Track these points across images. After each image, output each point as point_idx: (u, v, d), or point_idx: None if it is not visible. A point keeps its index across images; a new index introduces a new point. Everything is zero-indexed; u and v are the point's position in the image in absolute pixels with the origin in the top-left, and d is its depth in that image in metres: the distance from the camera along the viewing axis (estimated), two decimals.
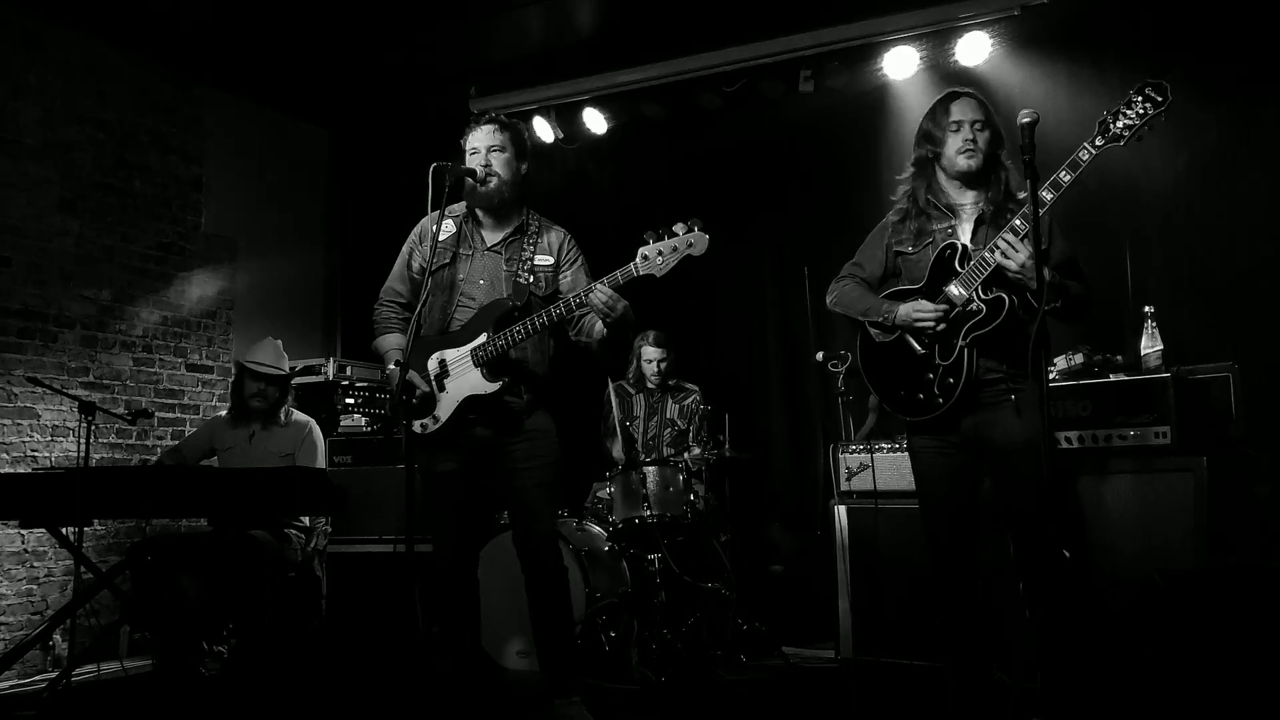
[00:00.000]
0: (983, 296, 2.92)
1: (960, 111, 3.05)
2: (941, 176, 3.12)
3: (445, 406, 3.31)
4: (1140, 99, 2.77)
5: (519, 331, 3.21)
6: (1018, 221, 2.83)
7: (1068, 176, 2.79)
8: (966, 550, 3.06)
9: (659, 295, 5.54)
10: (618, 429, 5.20)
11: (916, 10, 5.08)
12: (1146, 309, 3.91)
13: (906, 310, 3.02)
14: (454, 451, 3.36)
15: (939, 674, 3.68)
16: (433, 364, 3.35)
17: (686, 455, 4.99)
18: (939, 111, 3.09)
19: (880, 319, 3.09)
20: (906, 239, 3.15)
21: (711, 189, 6.00)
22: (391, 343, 3.48)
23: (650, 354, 5.16)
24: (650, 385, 5.23)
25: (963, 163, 3.03)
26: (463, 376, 3.30)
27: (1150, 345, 3.85)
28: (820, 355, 5.08)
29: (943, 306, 2.97)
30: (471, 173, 3.34)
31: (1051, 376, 3.84)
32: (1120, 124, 2.77)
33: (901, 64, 5.33)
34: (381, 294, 3.59)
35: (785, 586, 5.36)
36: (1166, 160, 4.67)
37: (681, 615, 4.55)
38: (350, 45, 5.67)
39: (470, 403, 3.29)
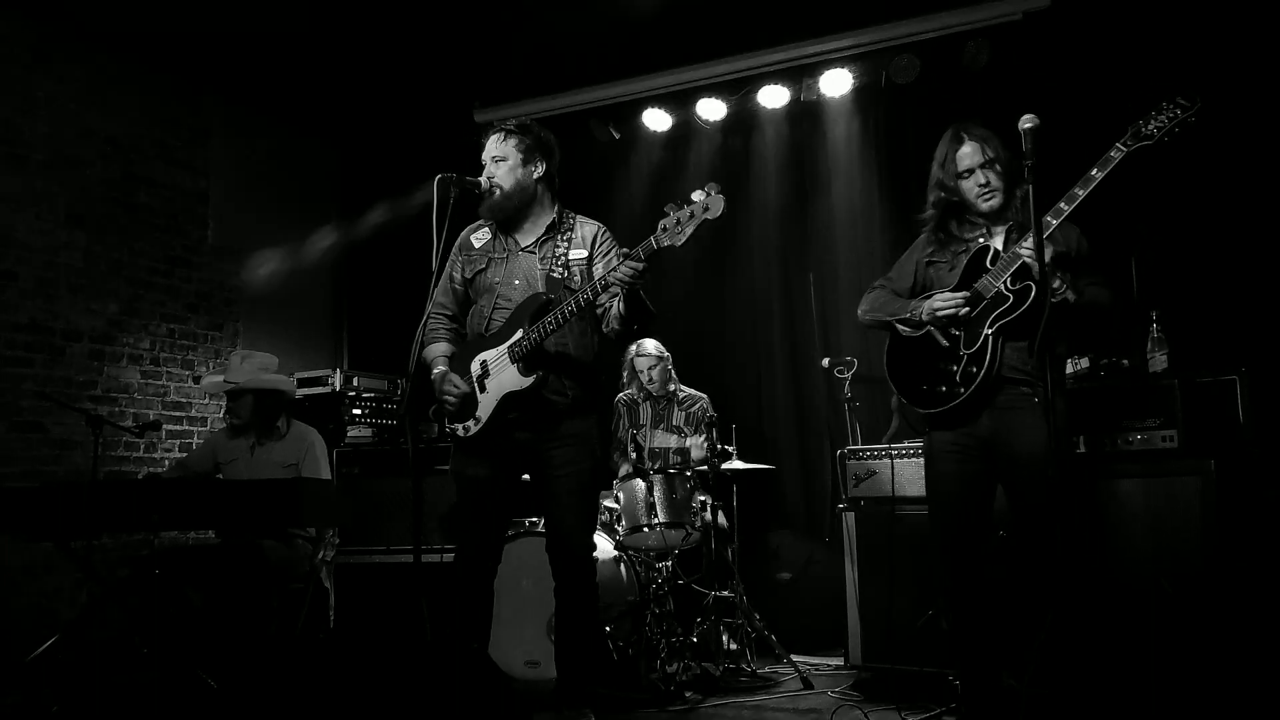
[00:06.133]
0: (1010, 287, 2.97)
1: (968, 159, 3.11)
2: (966, 213, 3.20)
3: (485, 406, 3.31)
4: (1170, 104, 2.86)
5: (549, 323, 3.20)
6: (1049, 217, 2.88)
7: (1098, 174, 2.85)
8: (976, 557, 3.06)
9: (665, 300, 5.58)
10: (627, 443, 5.21)
11: (919, 17, 5.10)
12: (1152, 313, 3.90)
13: (931, 302, 3.10)
14: (489, 456, 3.36)
15: (949, 681, 3.68)
16: (475, 366, 3.36)
17: (693, 461, 4.99)
18: (947, 159, 3.14)
19: (908, 315, 3.16)
20: (938, 249, 3.24)
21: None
22: (438, 350, 3.48)
23: (641, 364, 5.15)
24: (654, 393, 5.23)
25: (984, 206, 3.12)
26: (501, 374, 3.29)
27: (1156, 349, 3.85)
28: (826, 361, 5.08)
29: (965, 294, 3.04)
30: (476, 185, 3.35)
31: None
32: (1151, 126, 2.86)
33: (905, 70, 5.34)
34: (428, 306, 3.59)
35: (793, 594, 5.34)
36: (1172, 163, 4.67)
37: (690, 624, 4.55)
38: (356, 57, 5.70)
39: (509, 399, 3.27)
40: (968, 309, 3.03)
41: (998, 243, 3.11)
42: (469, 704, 3.36)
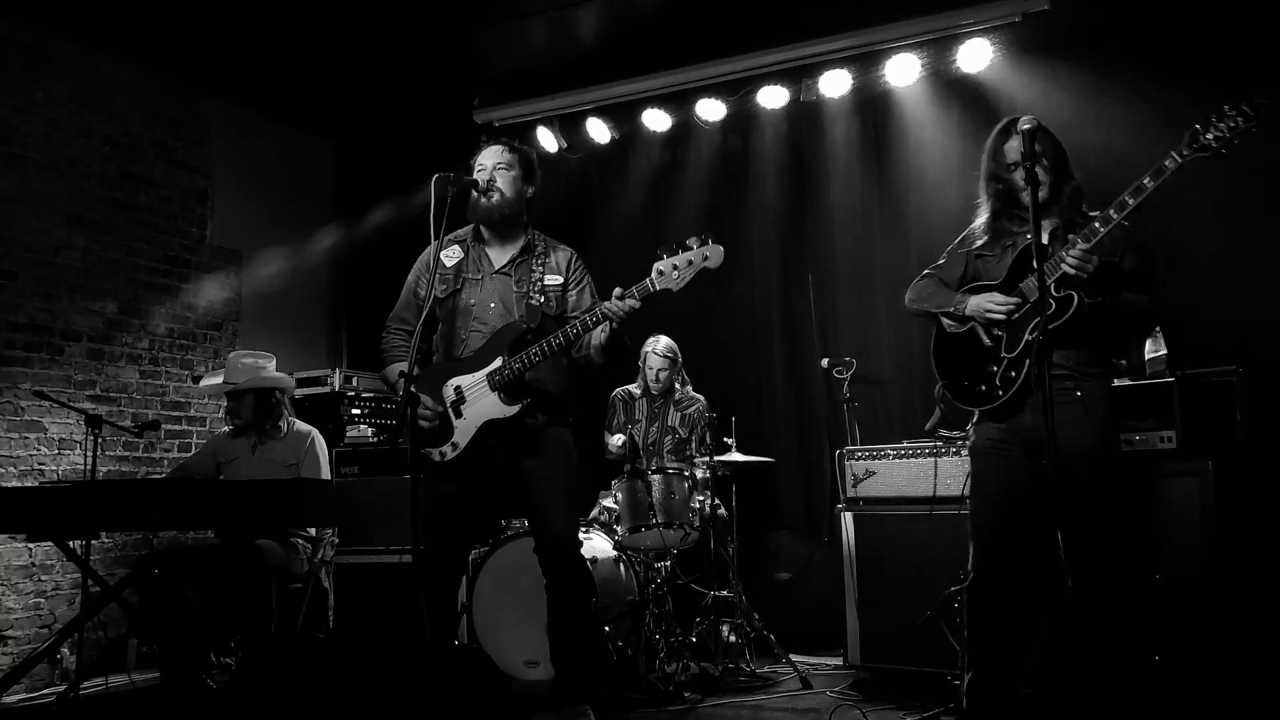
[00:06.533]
0: (1055, 294, 2.98)
1: (1015, 151, 3.11)
2: (1015, 206, 3.21)
3: (463, 432, 3.31)
4: (1233, 112, 2.80)
5: (535, 354, 3.22)
6: (1097, 224, 2.89)
7: (1150, 183, 2.84)
8: (1011, 553, 3.06)
9: (664, 301, 5.57)
10: (621, 429, 5.22)
11: (918, 18, 5.10)
12: None
13: (978, 300, 3.12)
14: (463, 478, 3.36)
15: (948, 681, 3.68)
16: (449, 391, 3.34)
17: (693, 464, 4.99)
18: (996, 151, 3.17)
19: (952, 309, 3.19)
20: (987, 243, 3.26)
21: (715, 197, 6.02)
22: (398, 372, 3.46)
23: (654, 362, 5.17)
24: (653, 391, 5.24)
25: (1026, 199, 3.07)
26: (480, 401, 3.29)
27: (1155, 349, 3.85)
28: (825, 362, 5.08)
29: (1015, 300, 3.05)
30: (474, 183, 3.35)
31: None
32: (1210, 135, 2.80)
33: (904, 71, 5.34)
34: (389, 321, 3.57)
35: (792, 594, 5.35)
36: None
37: (689, 623, 4.56)
38: (355, 58, 5.70)
39: (489, 427, 3.28)
40: (1018, 316, 3.04)
41: (1044, 239, 3.10)
42: (469, 704, 3.36)
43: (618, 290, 3.11)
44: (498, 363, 3.27)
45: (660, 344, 5.17)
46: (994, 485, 3.11)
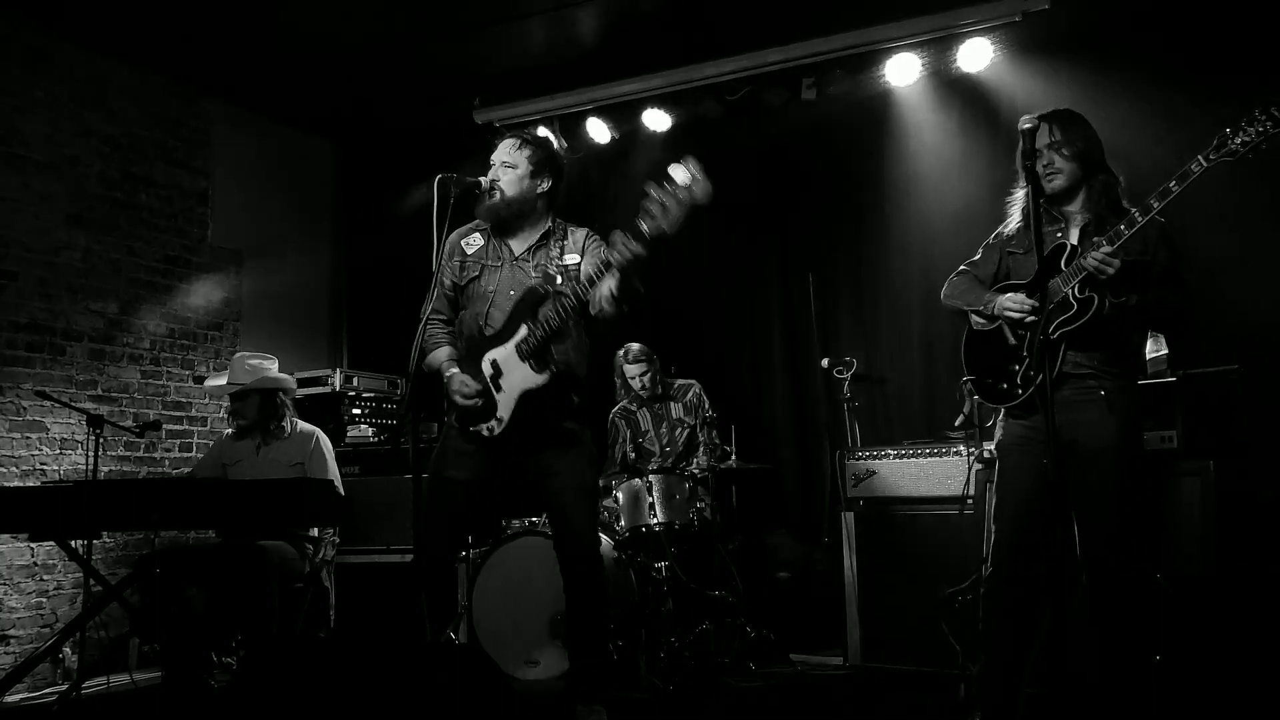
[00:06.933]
0: (1077, 295, 2.98)
1: (1039, 138, 3.09)
2: (1041, 197, 3.18)
3: (505, 405, 3.32)
4: (1263, 117, 2.79)
5: (551, 318, 3.22)
6: (1123, 227, 2.88)
7: (1176, 187, 2.84)
8: (1032, 553, 3.06)
9: (661, 302, 5.57)
10: (628, 453, 5.19)
11: (918, 18, 5.10)
12: None
13: (1003, 300, 3.13)
14: (476, 461, 3.37)
15: (948, 681, 3.68)
16: (486, 366, 3.36)
17: (694, 465, 4.99)
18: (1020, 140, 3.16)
19: (980, 308, 3.21)
20: (1017, 239, 3.25)
21: (714, 197, 6.00)
22: (444, 355, 3.47)
23: (632, 370, 5.14)
24: (644, 397, 5.22)
25: (1046, 186, 3.10)
26: (514, 372, 3.31)
27: (1155, 349, 3.85)
28: (825, 362, 5.08)
29: (1034, 302, 3.04)
30: (476, 184, 3.36)
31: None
32: (1238, 140, 2.80)
33: (903, 71, 5.34)
34: (422, 313, 3.59)
35: (793, 594, 5.35)
36: (1170, 161, 4.66)
37: (689, 623, 4.55)
38: (355, 58, 5.70)
39: (527, 397, 3.29)
40: (1034, 318, 3.03)
41: (1074, 236, 3.11)
42: (469, 704, 3.36)
43: (619, 233, 3.07)
44: (524, 331, 3.29)
45: (632, 351, 5.15)
46: (1021, 482, 3.11)
